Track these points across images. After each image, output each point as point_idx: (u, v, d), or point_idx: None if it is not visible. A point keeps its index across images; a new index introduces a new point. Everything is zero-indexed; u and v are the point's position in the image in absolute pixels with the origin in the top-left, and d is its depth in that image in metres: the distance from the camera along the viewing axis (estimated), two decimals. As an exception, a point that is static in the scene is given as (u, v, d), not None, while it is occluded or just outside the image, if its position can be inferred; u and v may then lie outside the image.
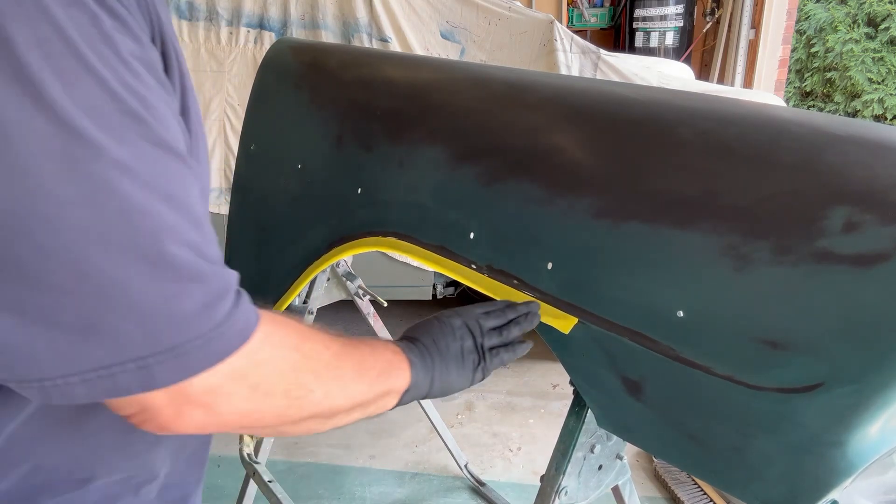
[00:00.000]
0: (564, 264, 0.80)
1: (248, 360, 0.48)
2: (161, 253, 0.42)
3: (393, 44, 2.51)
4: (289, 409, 0.53)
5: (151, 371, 0.43)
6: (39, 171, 0.38)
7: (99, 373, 0.42)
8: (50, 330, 0.40)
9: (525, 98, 0.91)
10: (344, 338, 0.63)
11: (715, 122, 0.72)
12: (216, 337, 0.45)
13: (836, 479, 0.61)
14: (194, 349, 0.44)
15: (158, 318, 0.42)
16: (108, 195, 0.40)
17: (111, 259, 0.40)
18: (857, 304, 0.58)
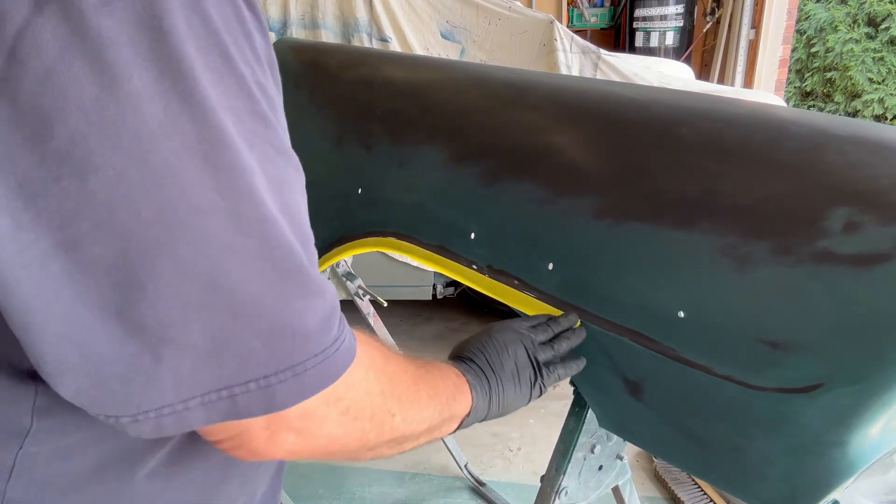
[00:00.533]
0: (565, 264, 0.80)
1: (344, 382, 0.45)
2: (292, 266, 0.40)
3: (393, 44, 2.51)
4: (371, 433, 0.50)
5: (273, 391, 0.40)
6: (182, 175, 0.35)
7: (220, 394, 0.39)
8: (177, 351, 0.37)
9: (525, 98, 0.91)
10: (414, 359, 0.61)
11: (715, 123, 0.72)
12: (332, 354, 0.42)
13: (837, 480, 0.61)
14: (313, 367, 0.41)
15: (284, 334, 0.39)
16: (247, 203, 0.37)
17: (247, 271, 0.38)
18: (857, 304, 0.58)
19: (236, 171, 0.37)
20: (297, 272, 0.40)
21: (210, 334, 0.37)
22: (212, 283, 0.37)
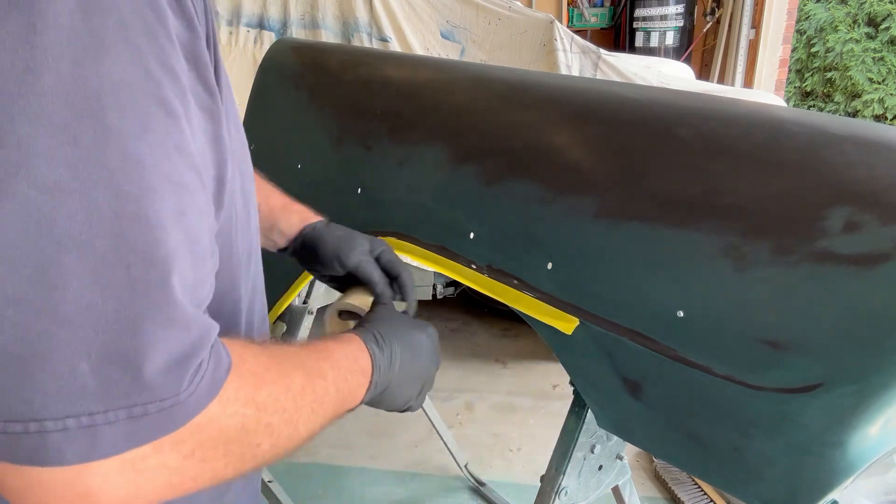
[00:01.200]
0: (564, 264, 0.80)
1: (191, 424, 0.36)
2: (152, 280, 0.32)
3: (393, 43, 2.51)
4: (227, 468, 0.41)
5: (96, 433, 0.31)
6: (31, 140, 0.29)
7: (28, 426, 0.30)
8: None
9: (525, 98, 0.91)
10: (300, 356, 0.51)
11: (715, 122, 0.72)
12: (185, 400, 0.35)
13: (837, 480, 0.61)
14: (156, 412, 0.33)
15: (123, 362, 0.31)
16: (106, 190, 0.31)
17: (88, 271, 0.30)
18: (857, 304, 0.58)
19: (99, 150, 0.30)
20: (157, 293, 0.32)
21: (24, 339, 0.30)
22: (39, 274, 0.29)
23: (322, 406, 0.51)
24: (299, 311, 1.52)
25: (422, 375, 0.69)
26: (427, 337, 0.71)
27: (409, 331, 0.69)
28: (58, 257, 0.30)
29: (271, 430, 0.44)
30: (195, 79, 0.38)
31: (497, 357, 2.90)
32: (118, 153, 0.31)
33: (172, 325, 0.33)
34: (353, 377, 0.57)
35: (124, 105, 0.31)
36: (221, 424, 0.39)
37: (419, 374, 0.68)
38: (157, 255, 0.32)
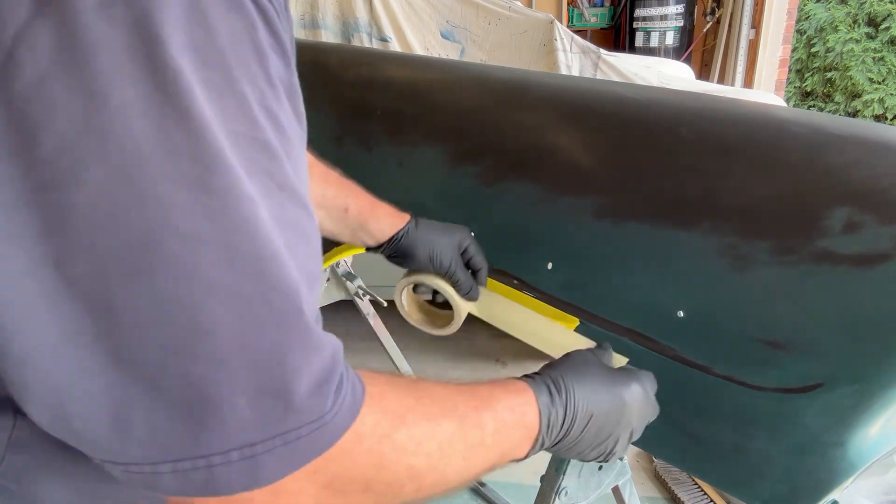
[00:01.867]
0: (565, 264, 0.80)
1: (325, 455, 0.37)
2: (291, 314, 0.34)
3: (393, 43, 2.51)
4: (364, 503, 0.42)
5: (257, 462, 0.33)
6: (169, 197, 0.31)
7: (196, 462, 0.33)
8: (149, 399, 0.32)
9: (525, 98, 0.91)
10: (455, 401, 0.49)
11: (715, 123, 0.72)
12: (330, 420, 0.36)
13: (837, 480, 0.61)
14: (307, 435, 0.35)
15: (275, 394, 0.34)
16: (242, 236, 0.33)
17: (236, 315, 0.33)
18: (857, 304, 0.58)
19: (232, 199, 0.33)
20: (296, 322, 0.35)
21: (187, 384, 0.32)
22: (192, 324, 0.32)
23: (475, 456, 0.49)
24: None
25: (617, 433, 0.60)
26: (628, 392, 0.61)
27: (601, 385, 0.60)
28: (207, 304, 0.32)
29: (413, 472, 0.43)
30: (290, 110, 0.40)
31: (497, 357, 2.89)
32: (248, 199, 0.33)
33: (310, 349, 0.35)
34: (516, 431, 0.53)
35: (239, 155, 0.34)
36: (356, 458, 0.39)
37: (614, 430, 0.60)
38: (291, 287, 0.35)
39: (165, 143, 0.31)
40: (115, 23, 0.31)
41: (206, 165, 0.32)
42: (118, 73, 0.31)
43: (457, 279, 0.83)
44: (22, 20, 0.30)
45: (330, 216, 0.83)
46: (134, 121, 0.31)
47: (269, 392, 0.33)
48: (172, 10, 0.32)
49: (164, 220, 0.31)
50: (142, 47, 0.31)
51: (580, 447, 0.59)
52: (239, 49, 0.34)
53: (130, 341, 0.32)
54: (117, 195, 0.31)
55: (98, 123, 0.31)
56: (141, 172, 0.31)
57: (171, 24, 0.32)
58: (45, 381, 0.32)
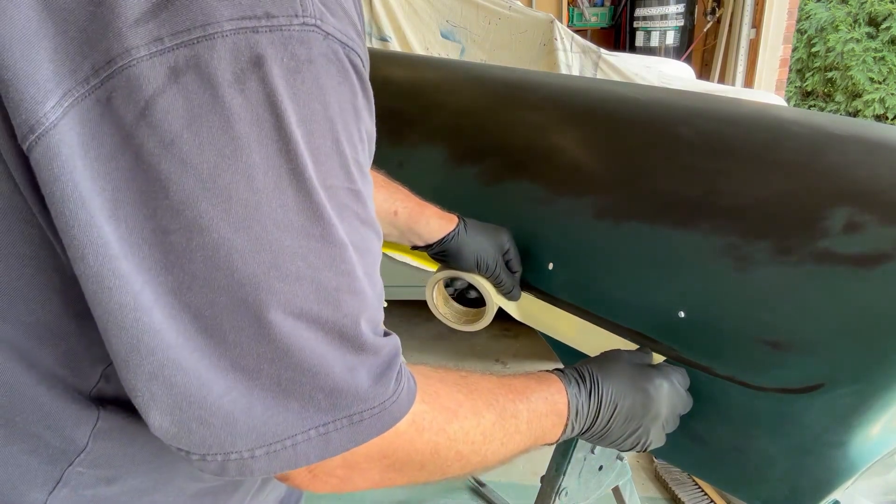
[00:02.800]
0: (566, 265, 0.80)
1: (387, 439, 0.46)
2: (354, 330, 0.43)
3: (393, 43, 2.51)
4: (415, 479, 0.52)
5: (329, 437, 0.42)
6: (279, 243, 0.39)
7: (284, 443, 0.41)
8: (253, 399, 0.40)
9: (525, 98, 0.91)
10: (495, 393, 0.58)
11: (716, 122, 0.72)
12: (388, 407, 0.45)
13: (838, 480, 0.61)
14: (370, 417, 0.44)
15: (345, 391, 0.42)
16: (332, 274, 0.41)
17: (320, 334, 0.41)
18: (858, 304, 0.57)
19: (328, 244, 0.41)
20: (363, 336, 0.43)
21: (281, 387, 0.41)
22: (288, 345, 0.40)
23: (512, 441, 0.58)
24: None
25: (646, 424, 0.66)
26: (652, 385, 0.66)
27: (627, 378, 0.66)
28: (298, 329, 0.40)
29: (461, 456, 0.53)
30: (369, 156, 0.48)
31: (497, 357, 2.89)
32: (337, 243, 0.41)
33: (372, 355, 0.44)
34: (548, 419, 0.62)
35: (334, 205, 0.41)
36: (416, 447, 0.49)
37: (643, 422, 0.66)
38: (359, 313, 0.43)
39: (280, 199, 0.38)
40: (248, 96, 0.37)
41: (309, 217, 0.39)
42: (248, 138, 0.37)
43: (500, 280, 0.85)
44: (158, 84, 0.35)
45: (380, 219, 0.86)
46: (256, 179, 0.38)
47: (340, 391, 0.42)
48: (297, 86, 0.38)
49: (273, 263, 0.39)
50: (270, 118, 0.37)
51: (611, 436, 0.66)
52: (344, 116, 0.41)
53: (237, 356, 0.39)
54: (235, 243, 0.38)
55: (224, 181, 0.37)
56: (258, 224, 0.38)
57: (294, 100, 0.38)
58: (171, 391, 0.39)
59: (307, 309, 0.40)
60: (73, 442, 0.46)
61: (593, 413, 0.64)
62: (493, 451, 0.56)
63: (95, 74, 0.35)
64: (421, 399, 0.49)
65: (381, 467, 0.48)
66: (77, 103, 0.35)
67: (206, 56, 0.36)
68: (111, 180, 0.36)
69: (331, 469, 0.46)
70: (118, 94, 0.35)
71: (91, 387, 0.45)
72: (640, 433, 0.66)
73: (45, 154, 0.36)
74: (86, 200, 0.36)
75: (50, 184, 0.36)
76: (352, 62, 0.42)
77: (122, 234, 0.37)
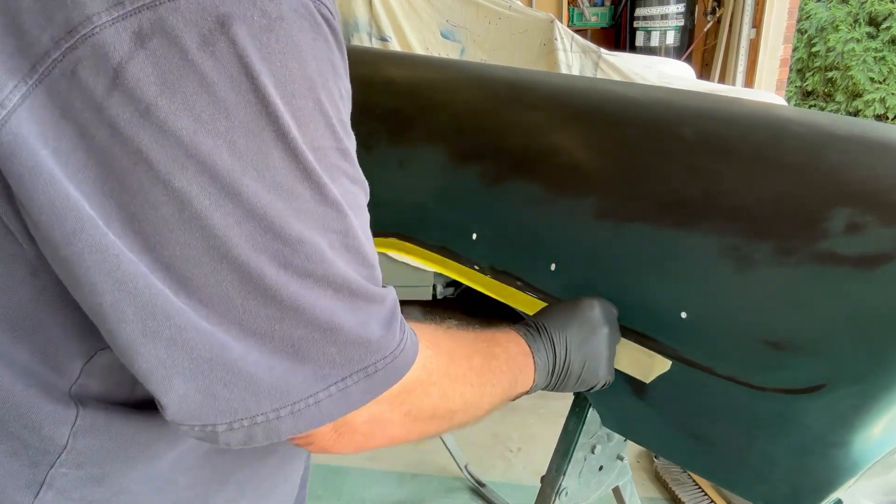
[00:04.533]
0: (568, 265, 0.80)
1: (405, 387, 0.48)
2: (359, 283, 0.43)
3: (393, 43, 2.51)
4: (429, 429, 0.54)
5: (349, 392, 0.43)
6: (273, 206, 0.38)
7: (307, 401, 0.41)
8: (274, 357, 0.40)
9: (526, 98, 0.91)
10: (478, 339, 0.62)
11: (717, 122, 0.72)
12: (399, 355, 0.45)
13: (840, 480, 0.61)
14: (383, 368, 0.44)
15: (357, 342, 0.43)
16: (331, 234, 0.41)
17: (328, 291, 0.41)
18: (859, 304, 0.57)
19: (323, 205, 0.40)
20: (366, 288, 0.43)
21: (295, 346, 0.40)
22: (296, 305, 0.40)
23: (500, 382, 0.61)
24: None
25: (596, 349, 0.71)
26: (588, 312, 0.71)
27: (566, 312, 0.71)
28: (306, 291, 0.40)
29: (464, 399, 0.55)
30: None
31: (497, 357, 2.89)
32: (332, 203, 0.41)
33: (377, 304, 0.44)
34: (519, 359, 0.66)
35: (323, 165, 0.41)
36: (427, 389, 0.51)
37: (592, 346, 0.70)
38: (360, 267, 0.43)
39: (266, 162, 0.37)
40: (219, 58, 0.35)
41: (299, 179, 0.39)
42: (224, 102, 0.36)
43: None
44: (125, 52, 0.34)
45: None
46: (238, 142, 0.36)
47: (352, 342, 0.42)
48: (270, 45, 0.36)
49: (269, 227, 0.38)
50: (245, 80, 0.36)
51: (573, 370, 0.69)
52: (322, 73, 0.40)
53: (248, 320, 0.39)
54: (227, 209, 0.37)
55: (206, 147, 0.36)
56: (248, 188, 0.37)
57: (270, 60, 0.36)
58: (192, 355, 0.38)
59: (311, 268, 0.40)
60: (52, 441, 0.44)
61: (551, 349, 0.68)
62: (488, 393, 0.59)
63: (56, 47, 0.33)
64: (424, 345, 0.50)
65: (400, 417, 0.49)
66: (40, 81, 0.34)
67: (171, 18, 0.34)
68: (91, 157, 0.35)
69: (356, 425, 0.46)
70: (84, 65, 0.34)
71: (70, 383, 0.44)
72: (595, 358, 0.70)
73: (12, 141, 0.34)
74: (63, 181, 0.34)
75: (20, 172, 0.34)
76: (323, 16, 0.40)
77: (110, 212, 0.36)
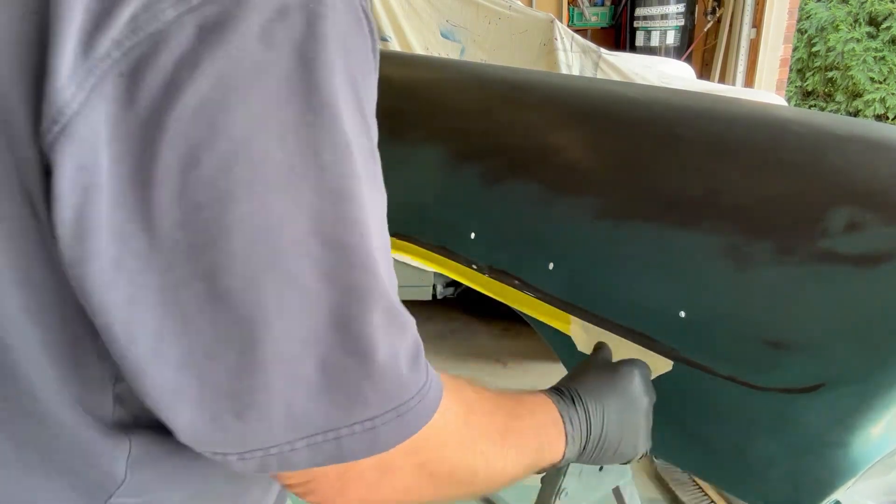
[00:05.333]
0: (566, 265, 0.80)
1: (422, 434, 0.42)
2: (393, 304, 0.39)
3: (393, 43, 2.51)
4: (448, 490, 0.48)
5: (377, 433, 0.39)
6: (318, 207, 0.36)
7: (327, 435, 0.38)
8: (292, 386, 0.36)
9: (526, 97, 0.91)
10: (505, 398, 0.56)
11: (717, 122, 0.72)
12: (427, 393, 0.41)
13: (839, 480, 0.61)
14: (415, 406, 0.40)
15: (388, 374, 0.39)
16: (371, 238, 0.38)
17: (365, 310, 0.37)
18: (859, 304, 0.57)
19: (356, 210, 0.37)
20: (396, 311, 0.40)
21: (324, 370, 0.37)
22: (333, 319, 0.36)
23: (526, 446, 0.56)
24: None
25: (635, 420, 0.66)
26: (627, 381, 0.67)
27: (603, 379, 0.67)
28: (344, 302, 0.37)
29: (486, 458, 0.50)
30: None
31: (497, 357, 2.89)
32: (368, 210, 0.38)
33: (405, 331, 0.41)
34: (549, 429, 0.60)
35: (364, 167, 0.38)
36: (444, 439, 0.46)
37: (632, 418, 0.66)
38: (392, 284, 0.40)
39: (316, 160, 0.35)
40: (277, 50, 0.34)
41: (348, 180, 0.36)
42: (279, 96, 0.34)
43: None
44: (186, 46, 0.32)
45: None
46: (289, 141, 0.34)
47: (383, 373, 0.38)
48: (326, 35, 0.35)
49: (313, 230, 0.35)
50: (299, 74, 0.34)
51: (610, 443, 0.64)
52: (364, 69, 0.38)
53: (276, 340, 0.35)
54: (273, 208, 0.34)
55: (259, 144, 0.33)
56: (295, 187, 0.35)
57: (324, 51, 0.35)
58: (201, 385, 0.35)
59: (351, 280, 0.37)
60: (110, 475, 0.42)
61: (585, 421, 0.62)
62: (512, 456, 0.53)
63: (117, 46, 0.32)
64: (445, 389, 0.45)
65: (412, 468, 0.44)
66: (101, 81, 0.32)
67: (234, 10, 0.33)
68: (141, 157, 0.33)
69: (361, 471, 0.42)
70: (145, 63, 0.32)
71: (109, 412, 0.41)
72: (634, 431, 0.66)
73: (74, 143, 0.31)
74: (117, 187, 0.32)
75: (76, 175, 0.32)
76: (363, 9, 0.38)
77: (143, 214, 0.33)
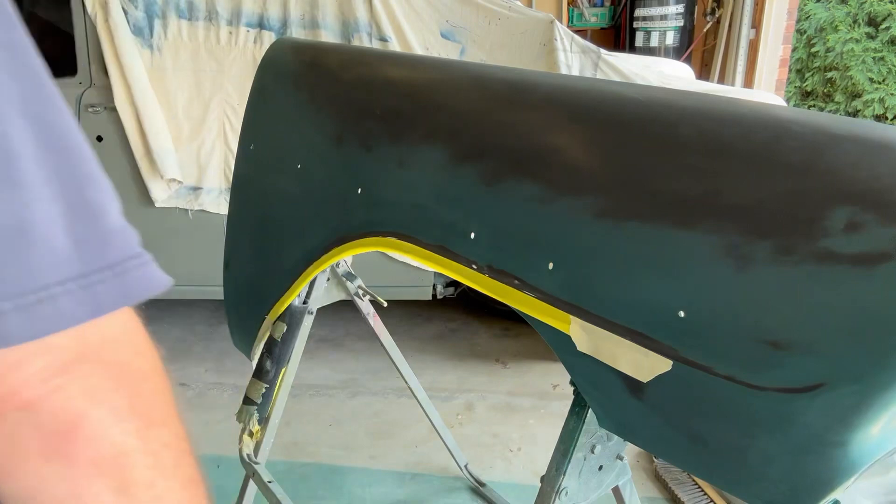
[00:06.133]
0: (565, 264, 0.80)
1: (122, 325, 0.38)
2: (97, 168, 0.37)
3: (393, 43, 2.51)
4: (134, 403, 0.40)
5: (95, 291, 0.34)
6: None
7: (39, 295, 0.32)
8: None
9: (525, 98, 0.91)
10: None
11: (716, 122, 0.72)
12: (148, 263, 0.37)
13: (838, 480, 0.61)
14: (132, 269, 0.36)
15: (90, 227, 0.35)
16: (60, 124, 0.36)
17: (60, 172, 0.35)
18: (858, 304, 0.57)
19: (52, 102, 0.35)
20: (100, 175, 0.37)
21: (27, 215, 0.33)
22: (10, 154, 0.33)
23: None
24: (299, 311, 1.52)
25: None
26: None
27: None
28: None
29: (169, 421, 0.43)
30: None
31: (497, 357, 2.89)
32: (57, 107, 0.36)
33: (112, 198, 0.38)
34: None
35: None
36: (140, 348, 0.40)
37: None
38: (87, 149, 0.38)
39: None
40: None
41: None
42: None
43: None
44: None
45: None
46: None
47: (82, 221, 0.35)
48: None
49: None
50: None
51: None
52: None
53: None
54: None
55: None
56: None
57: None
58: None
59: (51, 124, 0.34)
60: None
61: None
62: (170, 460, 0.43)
63: None
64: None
65: (101, 367, 0.37)
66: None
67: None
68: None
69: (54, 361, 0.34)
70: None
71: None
72: None
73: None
74: None
75: None
76: None
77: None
